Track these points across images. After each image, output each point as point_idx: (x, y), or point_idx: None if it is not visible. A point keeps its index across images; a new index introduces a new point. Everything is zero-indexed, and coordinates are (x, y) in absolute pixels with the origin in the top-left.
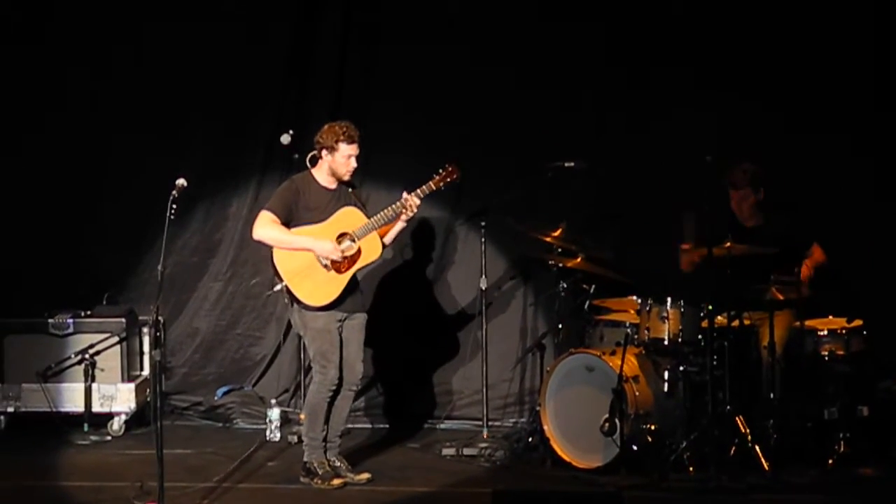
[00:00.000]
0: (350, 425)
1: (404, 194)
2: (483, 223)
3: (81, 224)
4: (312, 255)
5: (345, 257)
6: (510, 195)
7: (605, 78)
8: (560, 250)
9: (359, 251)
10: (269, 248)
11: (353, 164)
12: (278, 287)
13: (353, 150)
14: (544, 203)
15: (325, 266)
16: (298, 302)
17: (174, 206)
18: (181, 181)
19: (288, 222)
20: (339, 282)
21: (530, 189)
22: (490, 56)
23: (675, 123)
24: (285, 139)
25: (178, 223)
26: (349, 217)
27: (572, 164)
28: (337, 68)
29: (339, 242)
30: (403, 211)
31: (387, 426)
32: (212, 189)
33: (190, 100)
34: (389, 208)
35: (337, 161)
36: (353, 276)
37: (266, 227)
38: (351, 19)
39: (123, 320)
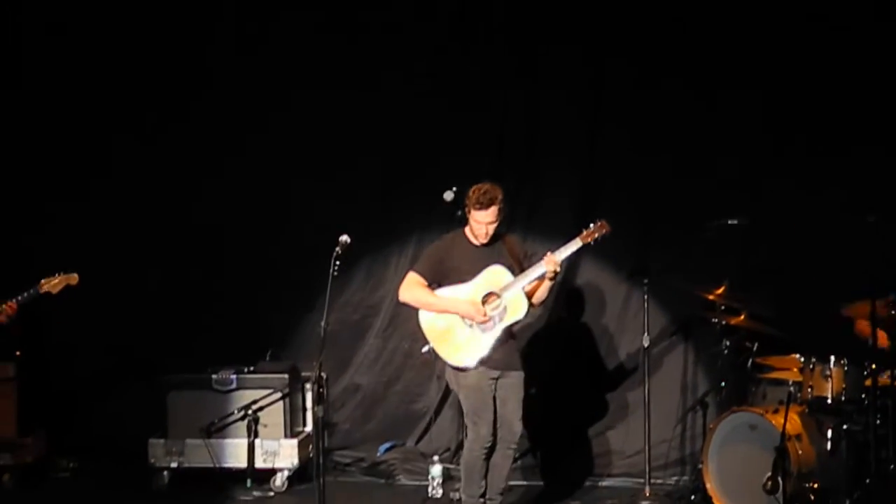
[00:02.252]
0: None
1: (546, 255)
2: (645, 281)
3: (245, 281)
4: (457, 315)
5: (489, 317)
6: (672, 253)
7: (761, 142)
8: (723, 308)
9: (504, 309)
10: (416, 309)
11: (486, 230)
12: (426, 349)
13: (484, 216)
14: (707, 261)
15: (470, 326)
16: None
17: (337, 263)
18: (344, 238)
19: (438, 281)
20: (484, 341)
21: (692, 247)
22: (647, 123)
23: (834, 184)
24: (448, 196)
25: (341, 280)
26: (495, 276)
27: (735, 221)
28: (499, 126)
29: (486, 302)
30: (545, 269)
31: (541, 483)
32: (374, 246)
33: (351, 157)
34: (535, 266)
35: (472, 225)
36: (509, 334)
37: (411, 290)
38: (510, 80)
39: (286, 376)
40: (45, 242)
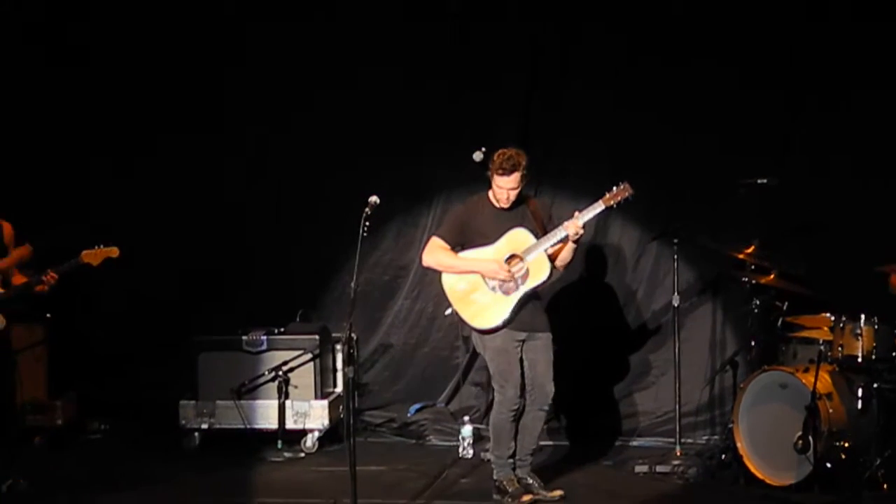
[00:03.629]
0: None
1: (573, 215)
2: (675, 241)
3: (275, 242)
4: (479, 277)
5: (513, 279)
6: (702, 212)
7: (793, 97)
8: (753, 267)
9: (527, 272)
10: (439, 273)
11: (507, 195)
12: (448, 311)
13: (506, 182)
14: (737, 220)
15: (493, 288)
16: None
17: (367, 224)
18: (374, 199)
19: (462, 244)
20: (506, 304)
21: (723, 206)
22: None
23: (869, 142)
24: (477, 156)
25: (371, 241)
26: (518, 238)
27: (765, 180)
28: (527, 86)
29: (509, 264)
30: (567, 232)
31: (568, 444)
32: (404, 206)
33: (382, 118)
34: (557, 229)
35: (494, 189)
36: (535, 297)
37: (433, 253)
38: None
39: (317, 337)
40: (86, 204)
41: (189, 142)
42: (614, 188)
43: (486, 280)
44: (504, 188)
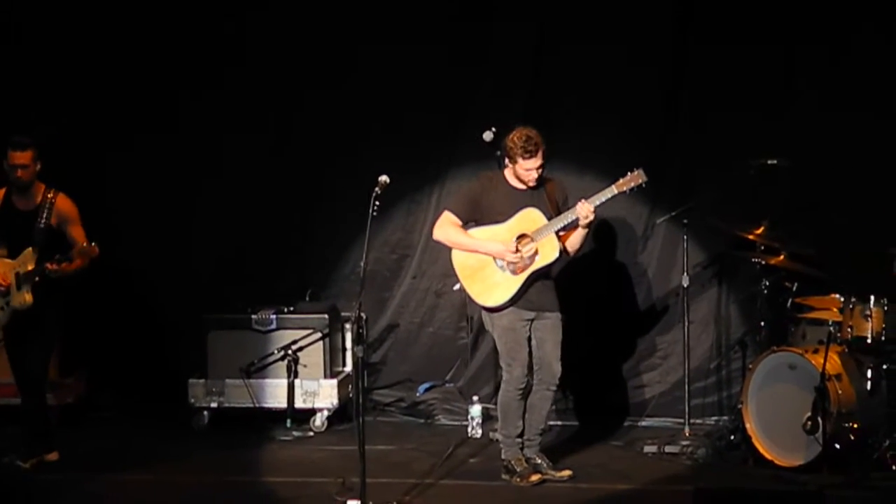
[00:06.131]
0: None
1: (580, 202)
2: (685, 221)
3: (285, 221)
4: (489, 255)
5: (521, 259)
6: (712, 193)
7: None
8: (763, 248)
9: (536, 252)
10: (449, 248)
11: (535, 174)
12: (457, 286)
13: (531, 163)
14: (746, 200)
15: (502, 267)
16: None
17: (377, 203)
18: (384, 178)
19: (475, 220)
20: (513, 283)
21: (733, 187)
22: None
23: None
24: (488, 136)
25: (379, 220)
26: (529, 218)
27: (775, 161)
28: (532, 66)
29: (519, 244)
30: (578, 216)
31: (577, 423)
32: (413, 186)
33: (388, 98)
34: (569, 212)
35: (519, 172)
36: (545, 276)
37: (444, 228)
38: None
39: (326, 316)
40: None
41: (202, 120)
42: (628, 174)
43: (495, 258)
44: (532, 168)
